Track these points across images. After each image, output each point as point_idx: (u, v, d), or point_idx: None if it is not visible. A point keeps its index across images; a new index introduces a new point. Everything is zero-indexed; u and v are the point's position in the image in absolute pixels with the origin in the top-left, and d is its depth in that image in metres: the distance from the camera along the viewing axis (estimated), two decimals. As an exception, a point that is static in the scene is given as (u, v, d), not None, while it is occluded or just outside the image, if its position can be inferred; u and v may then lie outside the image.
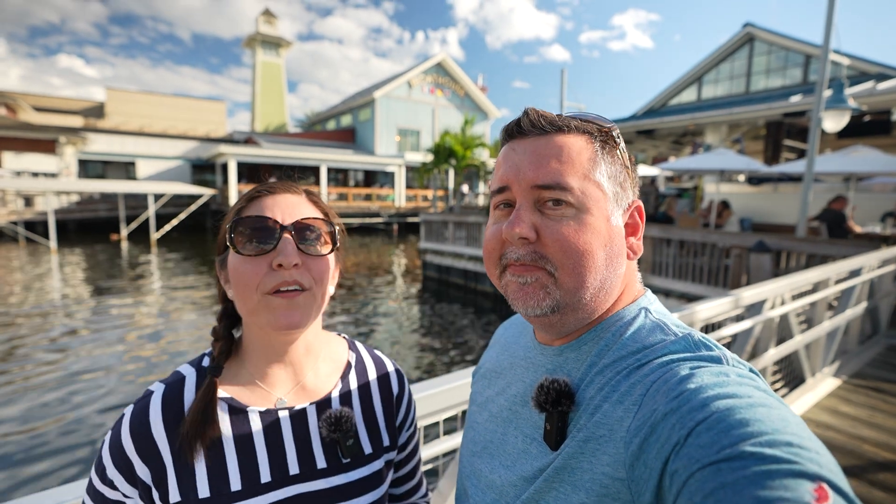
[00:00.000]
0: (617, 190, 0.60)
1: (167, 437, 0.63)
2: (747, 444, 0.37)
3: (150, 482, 0.62)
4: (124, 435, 0.63)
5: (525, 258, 0.57)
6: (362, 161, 29.86)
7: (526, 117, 0.60)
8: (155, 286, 12.41)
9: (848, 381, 3.87)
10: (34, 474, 4.30)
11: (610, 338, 0.59)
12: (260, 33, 50.40)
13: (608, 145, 0.60)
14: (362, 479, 0.72)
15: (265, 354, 0.71)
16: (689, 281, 7.49)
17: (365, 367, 0.82)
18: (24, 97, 35.34)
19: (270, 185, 0.71)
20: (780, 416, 0.40)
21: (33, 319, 8.93)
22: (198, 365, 0.70)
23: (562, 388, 0.57)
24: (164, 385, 0.67)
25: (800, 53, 13.83)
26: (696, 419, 0.42)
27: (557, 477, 0.54)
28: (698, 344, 0.53)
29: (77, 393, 5.88)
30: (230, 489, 0.63)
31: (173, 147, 29.16)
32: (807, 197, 6.88)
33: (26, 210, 21.60)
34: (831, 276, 3.71)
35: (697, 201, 13.06)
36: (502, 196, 0.61)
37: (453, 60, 34.64)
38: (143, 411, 0.64)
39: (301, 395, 0.73)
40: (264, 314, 0.65)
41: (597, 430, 0.52)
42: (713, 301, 2.39)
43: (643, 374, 0.52)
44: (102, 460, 0.63)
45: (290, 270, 0.64)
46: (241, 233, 0.65)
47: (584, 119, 0.61)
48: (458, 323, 9.91)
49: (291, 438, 0.69)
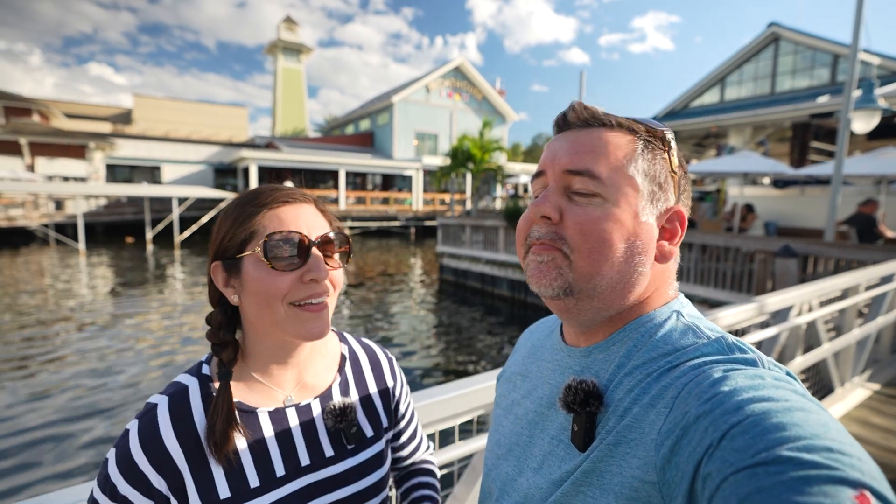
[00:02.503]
0: (654, 189, 0.59)
1: (180, 446, 0.64)
2: (784, 449, 0.36)
3: (168, 492, 0.63)
4: (134, 449, 0.62)
5: (545, 237, 0.58)
6: (380, 165, 30.10)
7: (572, 111, 0.62)
8: (178, 286, 12.70)
9: (880, 392, 3.72)
10: (65, 470, 4.42)
11: (639, 339, 0.58)
12: (281, 40, 51.36)
13: (652, 145, 0.60)
14: (366, 460, 0.78)
15: (273, 357, 0.73)
16: (711, 286, 7.33)
17: (357, 357, 0.87)
18: (56, 104, 36.71)
19: (290, 193, 0.71)
20: (820, 420, 0.39)
21: (61, 317, 9.21)
22: (197, 373, 0.71)
23: (590, 388, 0.56)
24: (166, 396, 0.67)
25: (827, 53, 13.45)
26: (731, 422, 0.40)
27: (585, 480, 0.53)
28: (732, 347, 0.52)
29: (99, 391, 6.04)
30: (249, 486, 0.66)
31: (197, 152, 29.86)
32: (835, 200, 6.68)
33: (57, 213, 22.37)
34: (861, 282, 3.58)
35: (720, 205, 12.80)
36: (539, 182, 0.63)
37: (471, 64, 34.72)
38: (152, 423, 0.64)
39: (304, 391, 0.77)
40: (291, 324, 0.67)
41: (627, 433, 0.51)
42: (737, 307, 2.33)
43: (675, 377, 0.51)
44: (111, 479, 0.62)
45: (320, 284, 0.68)
46: (274, 247, 0.66)
47: (633, 119, 0.61)
48: (474, 327, 9.88)
49: (300, 432, 0.73)
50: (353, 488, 0.75)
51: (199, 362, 0.73)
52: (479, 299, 12.10)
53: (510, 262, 11.34)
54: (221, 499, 0.64)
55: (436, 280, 14.50)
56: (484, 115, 32.06)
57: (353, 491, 0.75)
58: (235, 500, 0.65)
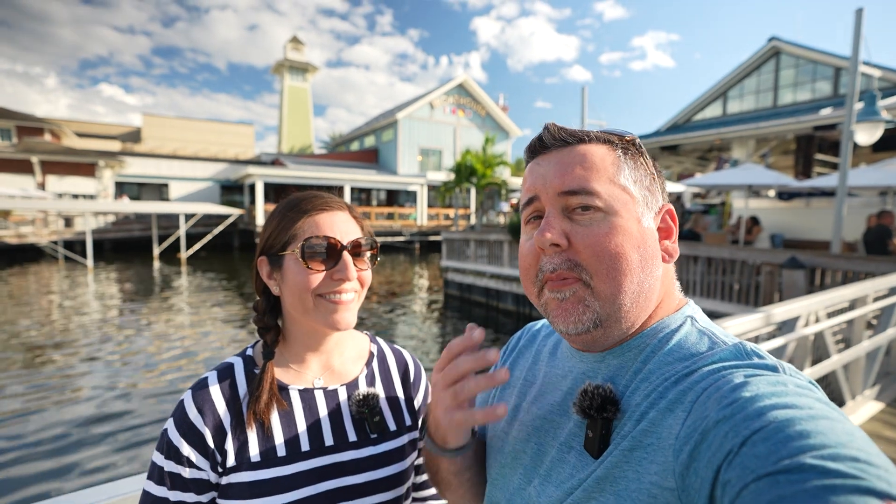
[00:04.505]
0: (645, 193, 0.60)
1: (227, 409, 0.74)
2: (808, 457, 0.35)
3: (217, 450, 0.71)
4: (191, 411, 0.72)
5: (561, 267, 0.56)
6: (385, 181, 30.31)
7: (547, 132, 0.61)
8: (183, 302, 12.74)
9: (891, 405, 3.66)
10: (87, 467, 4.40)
11: (656, 344, 0.57)
12: (288, 59, 52.28)
13: (630, 152, 0.61)
14: (387, 452, 0.82)
15: (305, 343, 0.82)
16: (717, 299, 7.28)
17: (385, 357, 0.93)
18: (67, 124, 37.38)
19: (327, 201, 0.80)
20: (845, 429, 0.38)
21: (69, 333, 9.25)
22: (243, 355, 0.81)
23: (607, 394, 0.55)
24: (216, 371, 0.78)
25: (828, 66, 13.53)
26: (752, 428, 0.39)
27: (598, 487, 0.52)
28: (750, 353, 0.51)
29: (108, 402, 6.03)
30: (277, 454, 0.73)
31: (204, 169, 30.23)
32: (840, 211, 6.65)
33: (66, 230, 22.61)
34: (869, 293, 3.54)
35: (725, 217, 12.76)
36: (531, 208, 0.61)
37: (475, 81, 35.14)
38: (204, 389, 0.74)
39: (332, 377, 0.84)
40: (320, 315, 0.77)
41: (644, 439, 0.50)
42: (743, 317, 2.32)
43: (693, 381, 0.50)
44: (173, 442, 0.70)
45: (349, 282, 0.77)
46: (311, 249, 0.76)
47: (604, 131, 0.62)
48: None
49: (326, 414, 0.80)
50: (372, 475, 0.79)
51: (246, 348, 0.83)
52: (484, 313, 12.04)
53: (514, 277, 11.31)
54: (252, 462, 0.71)
55: (441, 294, 14.48)
56: (487, 130, 32.33)
57: (371, 478, 0.79)
58: (263, 465, 0.72)
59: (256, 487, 0.71)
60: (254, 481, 0.71)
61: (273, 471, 0.72)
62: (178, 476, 0.69)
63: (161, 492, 0.70)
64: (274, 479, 0.72)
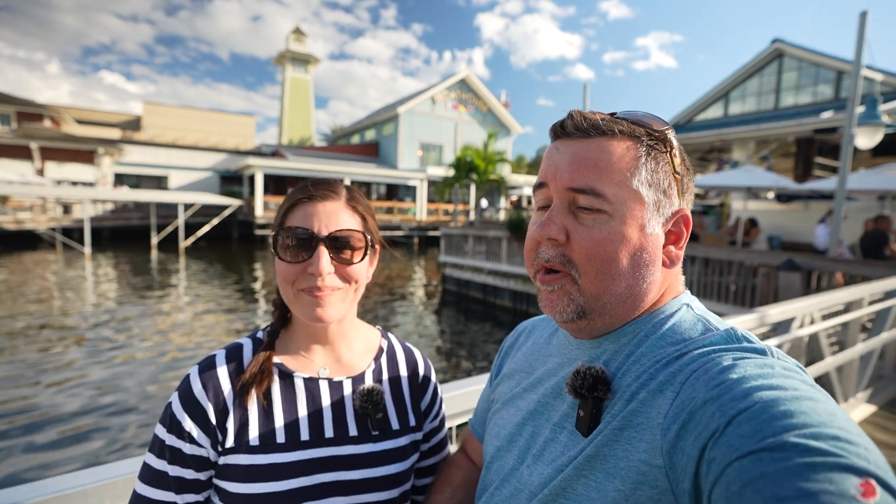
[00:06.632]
0: (659, 197, 0.58)
1: (231, 386, 0.74)
2: (791, 435, 0.36)
3: (218, 428, 0.71)
4: (196, 387, 0.72)
5: (555, 259, 0.59)
6: (385, 174, 30.26)
7: (570, 119, 0.60)
8: (181, 291, 12.74)
9: (883, 408, 3.69)
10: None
11: (650, 329, 0.58)
12: (290, 50, 52.05)
13: (655, 150, 0.58)
14: (388, 450, 0.80)
15: (305, 331, 0.82)
16: (713, 300, 7.30)
17: (395, 353, 0.91)
18: (67, 111, 37.16)
19: (312, 191, 0.76)
20: (827, 409, 0.39)
21: (67, 320, 9.25)
22: (253, 336, 0.82)
23: (598, 374, 0.56)
24: (225, 350, 0.78)
25: (831, 69, 13.53)
26: (738, 408, 0.40)
27: (588, 465, 0.53)
28: (741, 338, 0.52)
29: (106, 393, 6.04)
30: (276, 440, 0.73)
31: (204, 159, 30.11)
32: (839, 215, 6.67)
33: (64, 217, 22.55)
34: (865, 296, 3.56)
35: (724, 218, 12.78)
36: (541, 193, 0.63)
37: (477, 77, 35.02)
38: (211, 366, 0.75)
39: (339, 369, 0.83)
40: (298, 307, 0.76)
41: (633, 418, 0.51)
42: (737, 317, 2.33)
43: (683, 363, 0.51)
44: (176, 416, 0.70)
45: (322, 277, 0.73)
46: (283, 242, 0.75)
47: (634, 121, 0.59)
48: (476, 337, 9.85)
49: (329, 405, 0.79)
50: (370, 473, 0.77)
51: (257, 330, 0.84)
52: (482, 309, 12.06)
53: (512, 273, 11.34)
54: (251, 445, 0.71)
55: (438, 290, 14.49)
56: (489, 126, 32.26)
57: (367, 475, 0.77)
58: (261, 450, 0.71)
59: (252, 472, 0.70)
60: (250, 465, 0.70)
61: (270, 457, 0.71)
62: (179, 451, 0.69)
63: (161, 465, 0.70)
64: (270, 465, 0.71)
